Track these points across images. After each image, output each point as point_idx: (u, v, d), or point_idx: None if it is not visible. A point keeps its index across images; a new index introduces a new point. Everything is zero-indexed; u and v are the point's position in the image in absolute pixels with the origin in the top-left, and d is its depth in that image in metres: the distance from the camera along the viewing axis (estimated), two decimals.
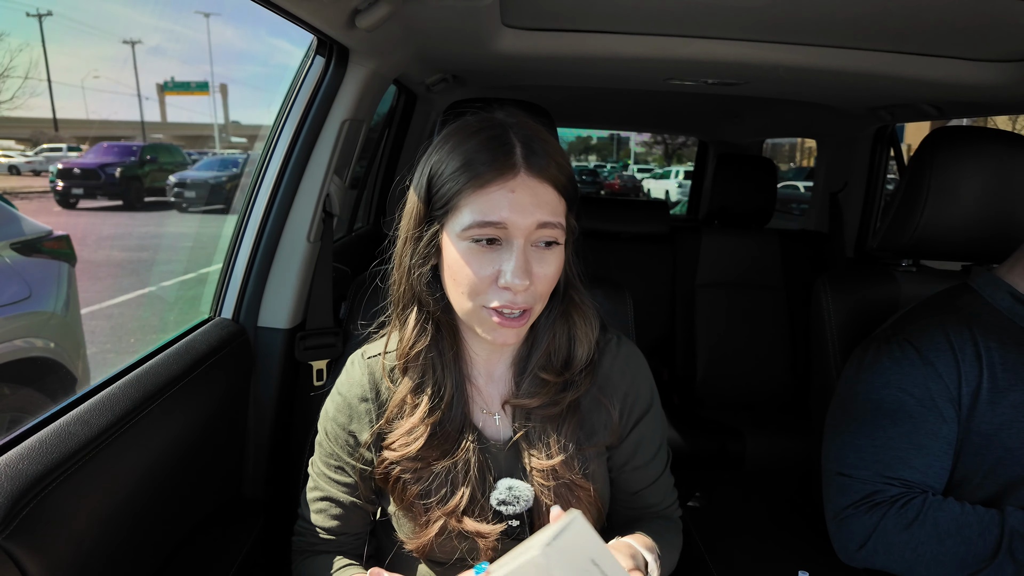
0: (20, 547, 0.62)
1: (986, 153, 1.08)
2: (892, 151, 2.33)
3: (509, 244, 0.68)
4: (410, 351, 0.77)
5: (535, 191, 0.68)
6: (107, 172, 12.01)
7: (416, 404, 0.77)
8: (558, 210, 0.70)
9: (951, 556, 0.87)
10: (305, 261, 1.24)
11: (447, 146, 0.71)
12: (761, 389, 2.31)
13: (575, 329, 0.80)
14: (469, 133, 0.70)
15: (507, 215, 0.66)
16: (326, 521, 0.83)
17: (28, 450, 0.69)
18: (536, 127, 0.72)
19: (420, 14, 1.08)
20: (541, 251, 0.70)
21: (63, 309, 2.37)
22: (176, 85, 30.91)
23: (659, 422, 0.87)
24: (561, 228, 0.70)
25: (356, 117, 1.26)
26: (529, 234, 0.68)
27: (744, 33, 1.23)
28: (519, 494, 0.77)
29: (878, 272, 1.30)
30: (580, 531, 0.58)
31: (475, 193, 0.67)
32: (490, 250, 0.68)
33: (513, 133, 0.70)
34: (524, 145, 0.69)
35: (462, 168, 0.68)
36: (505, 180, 0.67)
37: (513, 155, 0.68)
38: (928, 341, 0.95)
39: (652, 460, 0.86)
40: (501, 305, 0.69)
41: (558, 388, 0.79)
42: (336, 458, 0.82)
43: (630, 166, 32.09)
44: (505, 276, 0.67)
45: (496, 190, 0.67)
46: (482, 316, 0.71)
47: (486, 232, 0.67)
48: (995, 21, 1.05)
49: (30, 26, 24.62)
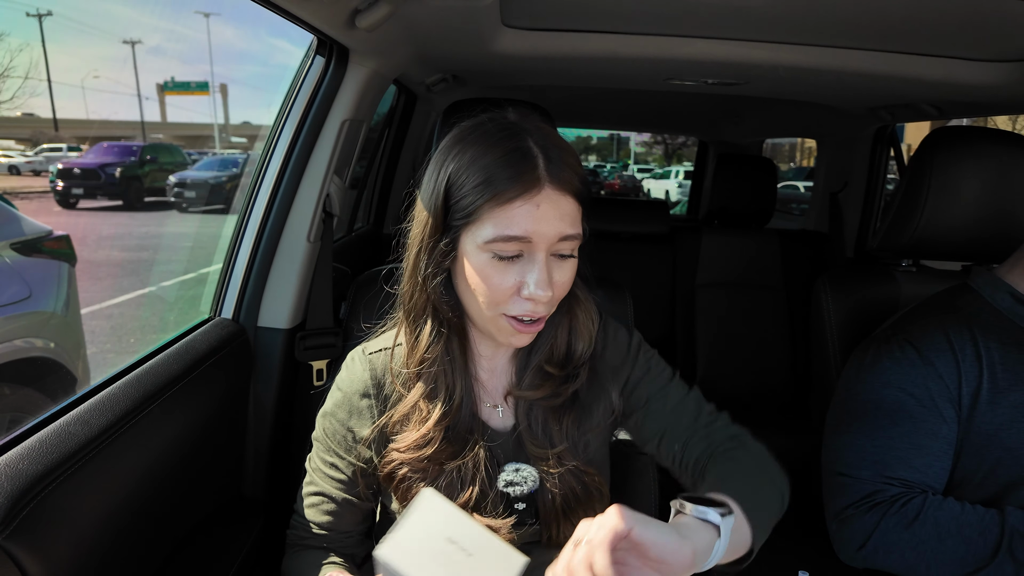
0: (20, 547, 0.62)
1: (986, 153, 1.08)
2: (892, 151, 2.33)
3: (532, 256, 0.68)
4: (424, 355, 0.76)
5: (558, 204, 0.67)
6: (107, 172, 12.01)
7: (430, 410, 0.77)
8: (577, 219, 0.70)
9: (951, 555, 0.87)
10: (305, 261, 1.24)
11: (466, 156, 0.68)
12: (761, 389, 2.31)
13: (576, 323, 0.80)
14: (488, 144, 0.68)
15: (532, 229, 0.66)
16: (318, 516, 0.83)
17: (28, 450, 0.69)
18: (549, 130, 0.72)
19: (420, 14, 1.07)
20: (560, 260, 0.70)
21: (63, 309, 2.37)
22: (176, 85, 30.92)
23: (653, 358, 0.85)
24: (579, 238, 0.71)
25: (356, 117, 1.26)
26: (551, 246, 0.68)
27: (744, 33, 1.23)
28: (526, 475, 0.79)
29: (878, 272, 1.30)
30: (424, 515, 0.55)
31: (498, 208, 0.66)
32: (512, 262, 0.68)
33: (533, 142, 0.68)
34: (544, 156, 0.67)
35: (484, 183, 0.66)
36: (530, 196, 0.66)
37: (537, 169, 0.66)
38: (928, 341, 0.95)
39: (666, 388, 0.82)
40: (522, 314, 0.70)
41: (560, 380, 0.79)
42: (333, 454, 0.82)
43: (630, 166, 32.09)
44: (528, 288, 0.68)
45: (521, 205, 0.66)
46: (501, 324, 0.71)
47: (510, 247, 0.67)
48: (995, 21, 1.05)
49: (30, 26, 24.61)
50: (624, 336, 0.86)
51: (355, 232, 2.04)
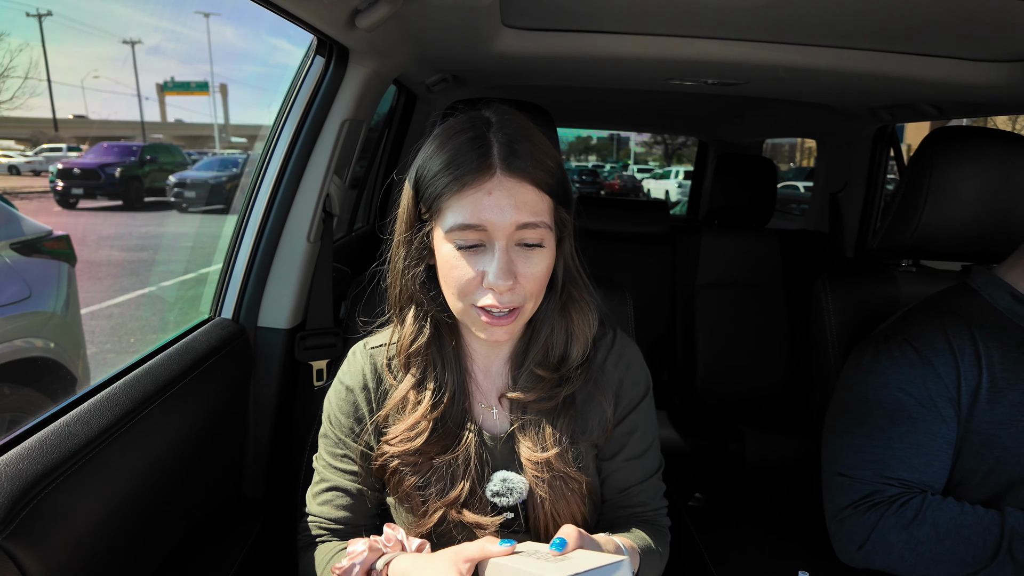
0: (20, 547, 0.62)
1: (986, 153, 1.08)
2: (892, 151, 2.33)
3: (492, 245, 0.68)
4: (411, 346, 0.78)
5: (512, 192, 0.67)
6: (107, 172, 12.02)
7: (419, 400, 0.78)
8: (540, 209, 0.69)
9: (950, 556, 0.87)
10: (305, 261, 1.24)
11: (432, 148, 0.71)
12: (761, 389, 2.31)
13: (572, 326, 0.80)
14: (451, 134, 0.70)
15: (485, 216, 0.67)
16: (333, 512, 0.83)
17: (28, 450, 0.69)
18: (524, 124, 0.72)
19: (420, 14, 1.07)
20: (526, 251, 0.70)
21: (63, 309, 2.37)
22: (176, 85, 30.93)
23: (652, 416, 0.87)
24: (546, 227, 0.70)
25: (356, 117, 1.26)
26: (510, 235, 0.68)
27: (744, 33, 1.23)
28: (512, 486, 0.78)
29: (878, 272, 1.30)
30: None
31: (455, 196, 0.68)
32: (474, 252, 0.69)
33: (492, 133, 0.69)
34: (504, 145, 0.68)
35: (442, 171, 0.68)
36: (482, 182, 0.67)
37: (489, 156, 0.68)
38: (927, 341, 0.95)
39: (644, 454, 0.86)
40: (488, 305, 0.69)
41: (554, 383, 0.79)
42: (342, 446, 0.83)
43: (630, 166, 32.09)
44: (488, 277, 0.68)
45: (473, 192, 0.67)
46: (472, 315, 0.72)
47: (467, 235, 0.68)
48: (995, 21, 1.05)
49: (30, 26, 24.63)
50: (644, 377, 0.86)
51: (355, 232, 2.04)
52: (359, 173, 2.02)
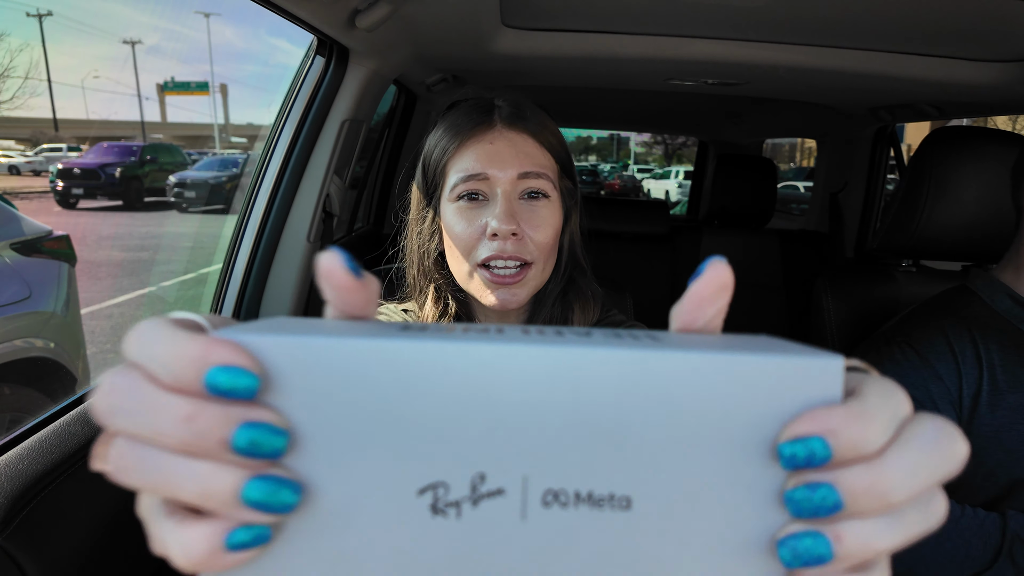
0: (20, 547, 0.62)
1: (986, 153, 1.08)
2: (892, 151, 2.33)
3: (494, 196, 0.68)
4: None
5: (513, 141, 0.68)
6: (107, 172, 12.02)
7: None
8: (542, 163, 0.69)
9: (950, 559, 0.87)
10: (305, 261, 1.24)
11: (440, 128, 0.73)
12: None
13: (572, 316, 0.79)
14: (456, 112, 0.73)
15: (486, 164, 0.67)
16: None
17: (28, 450, 0.69)
18: (526, 100, 0.73)
19: (420, 14, 1.07)
20: (530, 202, 0.69)
21: (63, 309, 2.37)
22: (176, 85, 30.94)
23: None
24: (548, 180, 0.69)
25: (356, 117, 1.26)
26: (512, 184, 0.67)
27: (744, 33, 1.23)
28: None
29: (878, 272, 1.30)
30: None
31: (456, 153, 0.69)
32: (477, 205, 0.69)
33: (496, 99, 0.72)
34: (508, 106, 0.70)
35: (444, 135, 0.70)
36: (483, 133, 0.68)
37: (492, 114, 0.69)
38: (928, 343, 0.95)
39: None
40: (492, 256, 0.67)
41: None
42: None
43: (630, 166, 32.08)
44: (491, 223, 0.67)
45: (474, 144, 0.68)
46: (478, 281, 0.69)
47: (469, 186, 0.68)
48: (995, 21, 1.05)
49: (30, 26, 24.62)
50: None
51: (355, 232, 2.04)
52: (359, 173, 2.01)
